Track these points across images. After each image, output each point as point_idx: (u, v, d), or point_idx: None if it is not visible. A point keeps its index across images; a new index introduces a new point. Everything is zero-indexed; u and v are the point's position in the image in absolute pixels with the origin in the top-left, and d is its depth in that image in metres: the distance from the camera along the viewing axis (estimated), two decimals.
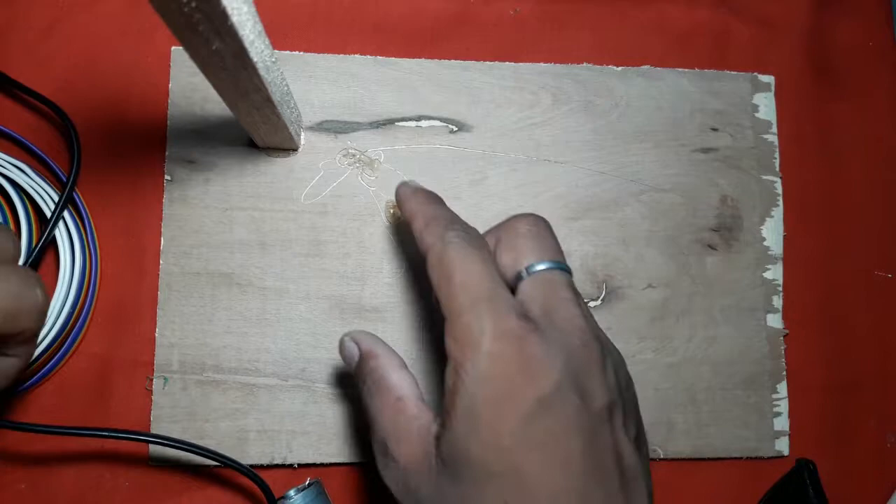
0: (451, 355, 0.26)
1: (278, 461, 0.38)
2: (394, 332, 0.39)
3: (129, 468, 0.38)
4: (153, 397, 0.37)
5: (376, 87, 0.41)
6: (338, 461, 0.38)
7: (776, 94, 0.45)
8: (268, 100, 0.31)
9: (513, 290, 0.29)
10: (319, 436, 0.38)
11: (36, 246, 0.35)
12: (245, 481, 0.38)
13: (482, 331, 0.26)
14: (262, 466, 0.38)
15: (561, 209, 0.42)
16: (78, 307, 0.37)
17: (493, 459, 0.25)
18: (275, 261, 0.39)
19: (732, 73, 0.44)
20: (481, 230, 0.31)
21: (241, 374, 0.38)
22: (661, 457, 0.41)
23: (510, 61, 0.43)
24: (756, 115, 0.44)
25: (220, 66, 0.27)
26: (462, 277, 0.27)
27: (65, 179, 0.38)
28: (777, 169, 0.44)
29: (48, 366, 0.37)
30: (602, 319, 0.41)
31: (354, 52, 0.42)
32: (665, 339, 0.41)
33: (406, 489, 0.28)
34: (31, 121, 0.39)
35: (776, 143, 0.44)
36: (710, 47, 0.45)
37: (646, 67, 0.44)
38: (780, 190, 0.44)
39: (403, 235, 0.40)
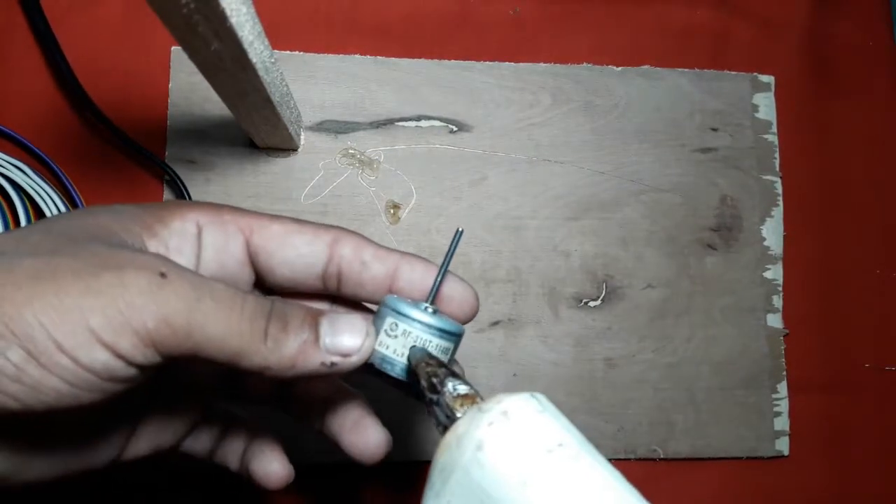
0: None
1: None
2: None
3: None
4: None
5: (376, 87, 0.41)
6: (339, 461, 0.38)
7: (776, 94, 0.45)
8: (267, 100, 0.31)
9: None
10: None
11: None
12: None
13: None
14: None
15: (561, 209, 0.42)
16: None
17: None
18: None
19: (732, 73, 0.44)
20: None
21: None
22: (661, 457, 0.41)
23: (510, 61, 0.43)
24: (756, 115, 0.44)
25: (220, 66, 0.27)
26: None
27: (64, 179, 0.38)
28: (777, 169, 0.44)
29: None
30: (602, 319, 0.41)
31: (354, 52, 0.42)
32: (665, 339, 0.41)
33: None
34: (32, 121, 0.39)
35: (776, 142, 0.44)
36: (710, 47, 0.45)
37: (646, 67, 0.44)
38: (780, 190, 0.44)
39: (403, 235, 0.40)
